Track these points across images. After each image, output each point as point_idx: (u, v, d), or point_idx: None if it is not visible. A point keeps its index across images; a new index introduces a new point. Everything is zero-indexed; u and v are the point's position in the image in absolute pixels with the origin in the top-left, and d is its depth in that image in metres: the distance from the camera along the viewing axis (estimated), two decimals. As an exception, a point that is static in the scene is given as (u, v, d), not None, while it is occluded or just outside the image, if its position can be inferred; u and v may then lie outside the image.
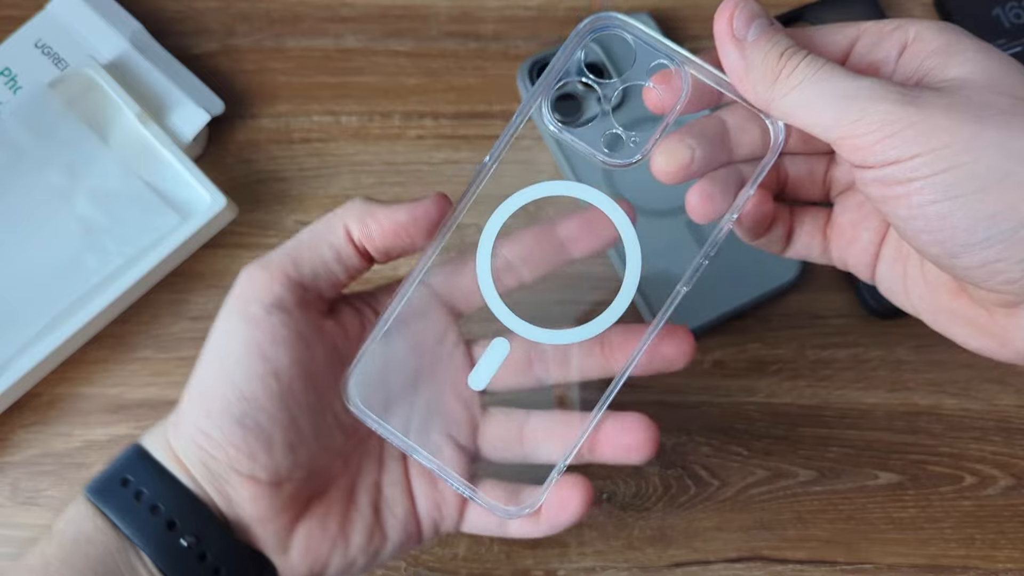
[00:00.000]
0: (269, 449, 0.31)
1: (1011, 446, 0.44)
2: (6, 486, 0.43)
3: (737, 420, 0.44)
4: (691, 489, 0.43)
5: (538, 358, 0.34)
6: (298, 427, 0.31)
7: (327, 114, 0.48)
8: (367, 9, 0.50)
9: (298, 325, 0.31)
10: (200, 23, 0.49)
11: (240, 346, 0.31)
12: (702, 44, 0.49)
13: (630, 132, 0.31)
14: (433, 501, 0.35)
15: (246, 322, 0.31)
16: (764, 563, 0.42)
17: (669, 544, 0.42)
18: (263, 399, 0.30)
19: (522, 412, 0.34)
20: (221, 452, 0.31)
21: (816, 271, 0.46)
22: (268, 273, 0.31)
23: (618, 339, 0.33)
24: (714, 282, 0.44)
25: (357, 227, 0.31)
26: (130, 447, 0.33)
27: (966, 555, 0.42)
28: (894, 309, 0.44)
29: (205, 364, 0.32)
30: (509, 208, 0.31)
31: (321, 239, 0.32)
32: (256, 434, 0.31)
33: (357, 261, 0.32)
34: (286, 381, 0.31)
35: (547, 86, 0.30)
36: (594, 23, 0.30)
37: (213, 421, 0.31)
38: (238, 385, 0.30)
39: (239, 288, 0.32)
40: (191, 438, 0.31)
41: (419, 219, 0.31)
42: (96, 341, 0.45)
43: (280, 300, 0.31)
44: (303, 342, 0.31)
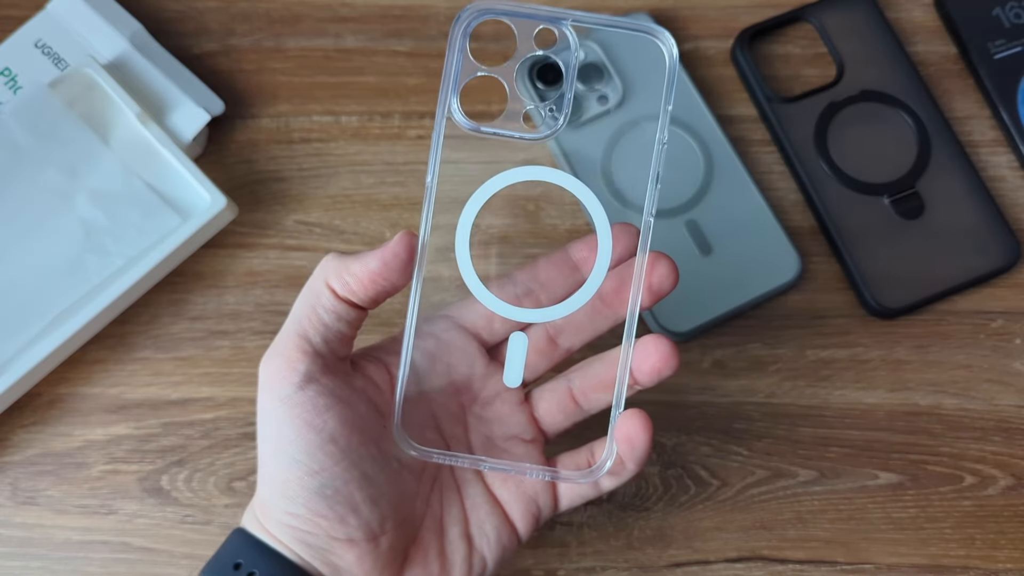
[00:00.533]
0: (355, 508, 0.32)
1: (1011, 446, 0.44)
2: (6, 486, 0.43)
3: (737, 420, 0.44)
4: (691, 489, 0.43)
5: (557, 334, 0.35)
6: (372, 480, 0.32)
7: (327, 114, 0.48)
8: (367, 9, 0.50)
9: (332, 389, 0.32)
10: (200, 23, 0.49)
11: (290, 428, 0.32)
12: (702, 44, 0.49)
13: (544, 104, 0.31)
14: (525, 498, 0.35)
15: (287, 406, 0.32)
16: (764, 563, 0.42)
17: (669, 544, 0.42)
18: (331, 465, 0.32)
19: (563, 378, 0.35)
20: (313, 526, 0.32)
21: (816, 271, 0.46)
22: (284, 357, 0.32)
23: (611, 287, 0.34)
24: (714, 282, 0.44)
25: (338, 284, 0.32)
26: (234, 533, 0.34)
27: (966, 555, 0.42)
28: (894, 309, 0.44)
29: (267, 457, 0.33)
30: (471, 212, 0.32)
31: (314, 307, 0.32)
32: (338, 498, 0.32)
33: (353, 313, 0.33)
34: (343, 443, 0.32)
35: (447, 92, 0.31)
36: (469, 16, 0.31)
37: (295, 501, 0.32)
38: (303, 462, 0.31)
39: (265, 382, 0.32)
40: (282, 522, 0.32)
41: (389, 263, 0.32)
42: (96, 341, 0.45)
43: (307, 374, 0.32)
44: (343, 403, 0.32)
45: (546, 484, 0.35)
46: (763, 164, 0.47)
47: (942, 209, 0.45)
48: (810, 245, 0.46)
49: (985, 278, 0.45)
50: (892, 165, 0.46)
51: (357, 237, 0.46)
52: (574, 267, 0.34)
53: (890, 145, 0.46)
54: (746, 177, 0.46)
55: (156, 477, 0.43)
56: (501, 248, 0.34)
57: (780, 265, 0.45)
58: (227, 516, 0.43)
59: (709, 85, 0.48)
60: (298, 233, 0.46)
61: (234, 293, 0.46)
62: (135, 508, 0.43)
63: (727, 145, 0.46)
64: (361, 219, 0.46)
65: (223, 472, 0.43)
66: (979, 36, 0.48)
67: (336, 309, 0.32)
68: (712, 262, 0.45)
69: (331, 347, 0.33)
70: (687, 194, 0.46)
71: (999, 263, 0.45)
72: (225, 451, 0.43)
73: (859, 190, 0.46)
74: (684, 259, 0.45)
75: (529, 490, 0.35)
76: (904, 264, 0.45)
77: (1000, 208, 0.46)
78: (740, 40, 0.48)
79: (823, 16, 0.48)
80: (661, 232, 0.45)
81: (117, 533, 0.43)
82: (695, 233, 0.45)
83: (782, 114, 0.47)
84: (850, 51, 0.48)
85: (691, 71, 0.48)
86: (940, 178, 0.46)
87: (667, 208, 0.45)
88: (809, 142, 0.46)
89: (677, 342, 0.44)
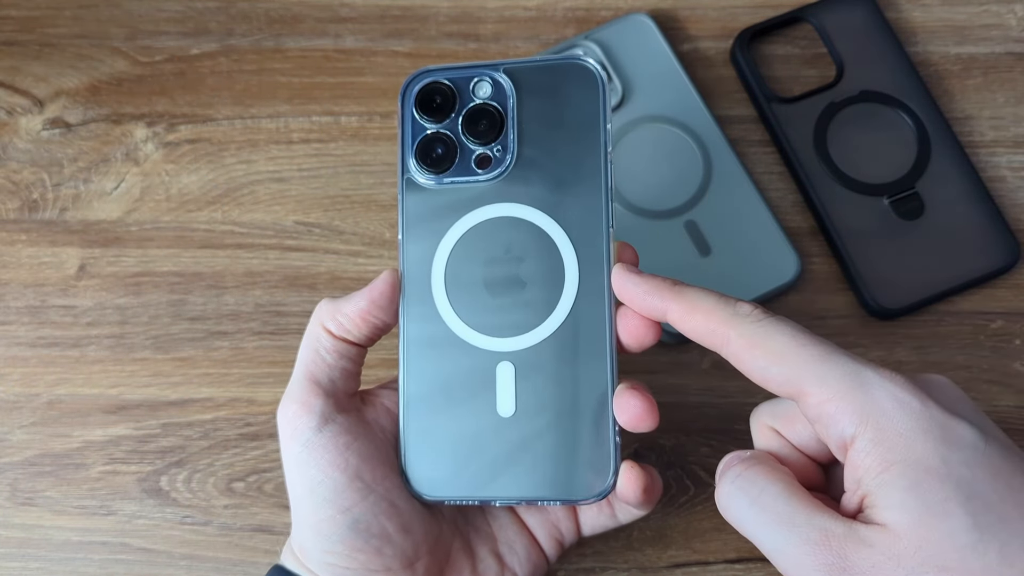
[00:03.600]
0: (388, 538, 0.33)
1: (1011, 447, 0.44)
2: (5, 487, 0.43)
3: (737, 421, 0.44)
4: (691, 490, 0.43)
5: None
6: (400, 510, 0.33)
7: (327, 114, 0.48)
8: (367, 9, 0.50)
9: (349, 427, 0.33)
10: (200, 23, 0.49)
11: (316, 470, 0.32)
12: (701, 44, 0.49)
13: (494, 147, 0.34)
14: (547, 523, 0.37)
15: (308, 449, 0.33)
16: (764, 564, 0.42)
17: (668, 545, 0.42)
18: (359, 501, 0.32)
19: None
20: (352, 561, 0.33)
21: (815, 272, 0.46)
22: (298, 402, 0.33)
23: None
24: (713, 283, 0.44)
25: (333, 326, 0.34)
26: (275, 570, 0.35)
27: (966, 556, 0.42)
28: (894, 310, 0.44)
29: (298, 500, 0.33)
30: (442, 257, 0.34)
31: (317, 351, 0.34)
32: (371, 532, 0.33)
33: (354, 350, 0.34)
34: (368, 477, 0.33)
35: (404, 154, 0.35)
36: (412, 82, 0.35)
37: (331, 539, 0.33)
38: (333, 501, 0.32)
39: (283, 430, 0.33)
40: (321, 561, 0.33)
41: (376, 300, 0.33)
42: (95, 341, 0.45)
43: (322, 416, 0.33)
44: (362, 438, 0.33)
45: (567, 510, 0.37)
46: (762, 164, 0.47)
47: (942, 210, 0.45)
48: (809, 246, 0.46)
49: (985, 279, 0.45)
50: (892, 165, 0.46)
51: (357, 238, 0.46)
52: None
53: (890, 145, 0.46)
54: (745, 178, 0.46)
55: (155, 478, 0.43)
56: (483, 281, 0.35)
57: (779, 266, 0.45)
58: (226, 517, 0.43)
59: (708, 85, 0.48)
60: (298, 233, 0.46)
61: (234, 293, 0.46)
62: (134, 509, 0.43)
63: (726, 145, 0.46)
64: (361, 219, 0.46)
65: (222, 473, 0.43)
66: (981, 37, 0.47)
67: (337, 348, 0.34)
68: (711, 263, 0.45)
69: (339, 385, 0.34)
70: (686, 195, 0.46)
71: (999, 263, 0.45)
72: (224, 452, 0.43)
73: (859, 190, 0.46)
74: (683, 260, 0.45)
75: (551, 515, 0.37)
76: (904, 265, 0.45)
77: (1000, 208, 0.46)
78: (740, 40, 0.48)
79: (823, 16, 0.48)
80: (660, 233, 0.45)
81: (116, 534, 0.43)
82: (694, 234, 0.45)
83: (781, 114, 0.47)
84: (850, 51, 0.48)
85: (690, 71, 0.48)
86: (940, 179, 0.46)
87: (666, 209, 0.45)
88: (808, 142, 0.46)
89: (676, 344, 0.44)
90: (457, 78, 0.35)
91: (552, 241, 0.34)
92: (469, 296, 0.34)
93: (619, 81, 0.47)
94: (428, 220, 0.35)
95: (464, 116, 0.35)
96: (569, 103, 0.34)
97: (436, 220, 0.34)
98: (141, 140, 0.48)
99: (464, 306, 0.34)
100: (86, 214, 0.47)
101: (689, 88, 0.47)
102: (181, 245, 0.46)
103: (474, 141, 0.34)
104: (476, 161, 0.34)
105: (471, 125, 0.35)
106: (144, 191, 0.47)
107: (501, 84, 0.34)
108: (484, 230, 0.34)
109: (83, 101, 0.48)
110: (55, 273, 0.46)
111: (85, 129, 0.48)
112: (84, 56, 0.49)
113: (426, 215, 0.35)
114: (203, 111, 0.48)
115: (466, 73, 0.35)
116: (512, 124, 0.34)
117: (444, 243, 0.34)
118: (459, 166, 0.35)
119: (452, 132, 0.35)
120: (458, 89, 0.35)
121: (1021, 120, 0.48)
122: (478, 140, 0.34)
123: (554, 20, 0.49)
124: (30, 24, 0.50)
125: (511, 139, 0.34)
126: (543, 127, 0.34)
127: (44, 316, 0.45)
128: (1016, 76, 0.48)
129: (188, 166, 0.47)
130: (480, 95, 0.35)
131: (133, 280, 0.46)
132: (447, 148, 0.35)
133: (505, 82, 0.34)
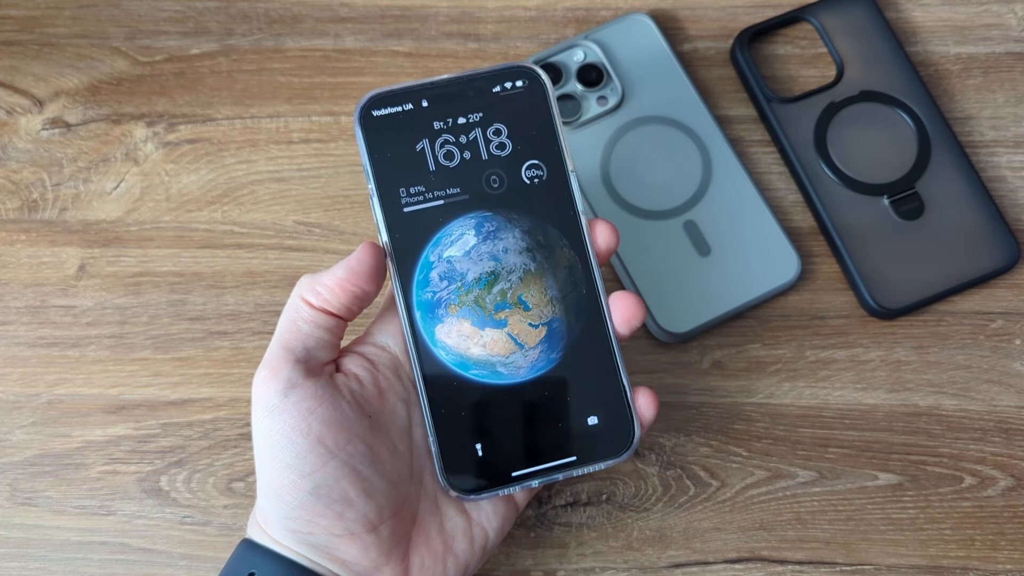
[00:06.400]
0: (350, 503, 0.33)
1: (1010, 447, 0.44)
2: (5, 487, 0.43)
3: (736, 421, 0.44)
4: (690, 490, 0.43)
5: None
6: (362, 474, 0.33)
7: (327, 114, 0.48)
8: (366, 9, 0.50)
9: (315, 391, 0.33)
10: (200, 23, 0.49)
11: (279, 435, 0.33)
12: (701, 44, 0.49)
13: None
14: None
15: (274, 414, 0.33)
16: (763, 564, 0.42)
17: (668, 545, 0.42)
18: (320, 466, 0.33)
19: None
20: (313, 526, 0.33)
21: (816, 272, 0.46)
22: (270, 369, 0.34)
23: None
24: (713, 283, 0.44)
25: (313, 297, 0.34)
26: (241, 544, 0.35)
27: (966, 556, 0.42)
28: (894, 310, 0.44)
29: (261, 465, 0.34)
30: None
31: (295, 321, 0.34)
32: (332, 497, 0.33)
33: (332, 321, 0.35)
34: (331, 442, 0.33)
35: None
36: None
37: (292, 505, 0.33)
38: (294, 466, 0.33)
39: (255, 395, 0.34)
40: (283, 527, 0.34)
41: (355, 268, 0.34)
42: (95, 341, 0.45)
43: (289, 381, 0.33)
44: (326, 403, 0.33)
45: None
46: (762, 164, 0.47)
47: (942, 209, 0.45)
48: (810, 245, 0.46)
49: (985, 278, 0.45)
50: (892, 165, 0.46)
51: (357, 238, 0.46)
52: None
53: (890, 145, 0.46)
54: (745, 177, 0.46)
55: (155, 478, 0.43)
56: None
57: (779, 265, 0.45)
58: (226, 517, 0.43)
59: (708, 85, 0.48)
60: (298, 233, 0.46)
61: (233, 293, 0.46)
62: (134, 509, 0.43)
63: (726, 145, 0.46)
64: (361, 219, 0.46)
65: (222, 473, 0.43)
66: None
67: (314, 319, 0.34)
68: (711, 263, 0.45)
69: (312, 353, 0.34)
70: (686, 195, 0.45)
71: (999, 263, 0.45)
72: (224, 452, 0.43)
73: (859, 190, 0.46)
74: (683, 260, 0.45)
75: None
76: (904, 264, 0.45)
77: (1000, 208, 0.46)
78: (740, 40, 0.48)
79: (823, 16, 0.48)
80: (660, 233, 0.45)
81: (116, 534, 0.43)
82: (693, 234, 0.45)
83: (781, 114, 0.47)
84: (850, 51, 0.48)
85: (690, 71, 0.48)
86: (940, 178, 0.46)
87: (665, 209, 0.45)
88: (809, 142, 0.46)
89: (676, 343, 0.44)
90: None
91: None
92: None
93: (619, 81, 0.47)
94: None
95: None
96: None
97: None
98: (141, 140, 0.48)
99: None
100: (86, 214, 0.47)
101: (689, 88, 0.47)
102: (181, 245, 0.46)
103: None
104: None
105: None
106: (144, 191, 0.47)
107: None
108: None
109: (83, 101, 0.48)
110: (55, 273, 0.46)
111: (85, 129, 0.48)
112: (84, 56, 0.49)
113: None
114: (203, 111, 0.48)
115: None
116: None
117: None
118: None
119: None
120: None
121: (1021, 120, 0.48)
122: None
123: (554, 20, 0.49)
124: (30, 24, 0.50)
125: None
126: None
127: (44, 316, 0.45)
128: (1016, 76, 0.48)
129: (188, 166, 0.47)
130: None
131: (133, 280, 0.46)
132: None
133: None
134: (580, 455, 0.35)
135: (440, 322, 0.35)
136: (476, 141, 0.35)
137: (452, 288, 0.35)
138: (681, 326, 0.44)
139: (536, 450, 0.35)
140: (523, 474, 0.35)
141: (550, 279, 0.35)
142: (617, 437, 0.35)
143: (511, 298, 0.35)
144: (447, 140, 0.35)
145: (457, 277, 0.35)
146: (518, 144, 0.35)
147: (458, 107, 0.35)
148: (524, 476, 0.35)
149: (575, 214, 0.35)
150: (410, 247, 0.35)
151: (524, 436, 0.35)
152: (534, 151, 0.36)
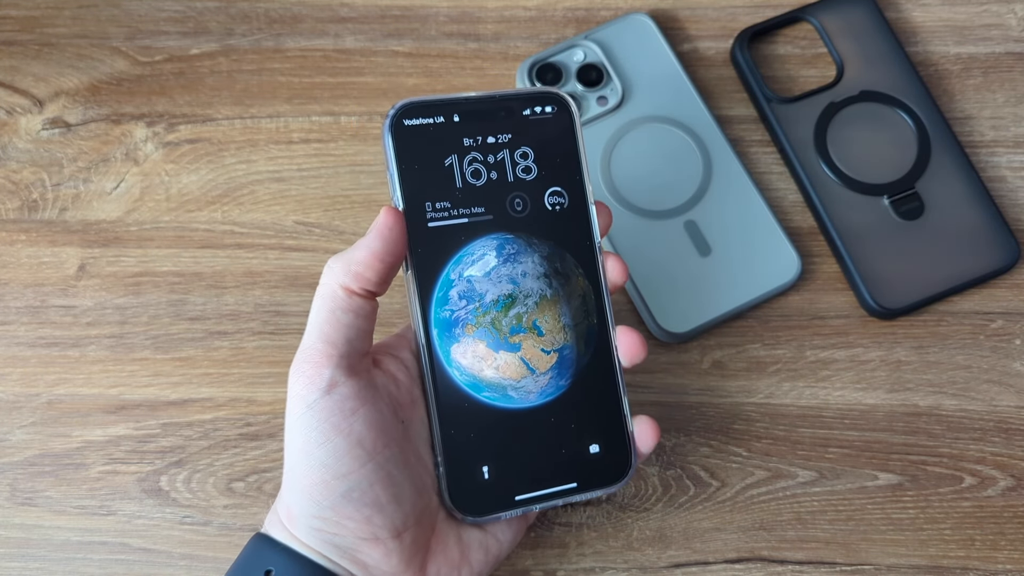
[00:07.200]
0: (380, 508, 0.33)
1: (1010, 447, 0.44)
2: (5, 487, 0.43)
3: (736, 421, 0.44)
4: (690, 490, 0.43)
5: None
6: (394, 479, 0.33)
7: (327, 114, 0.48)
8: (366, 9, 0.50)
9: (358, 392, 0.33)
10: (200, 23, 0.49)
11: (318, 433, 0.32)
12: (701, 44, 0.49)
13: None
14: None
15: (313, 410, 0.32)
16: (763, 564, 0.42)
17: (668, 545, 0.42)
18: (357, 469, 0.32)
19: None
20: (341, 528, 0.33)
21: (816, 272, 0.46)
22: (312, 363, 0.33)
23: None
24: (713, 283, 0.44)
25: (351, 280, 0.33)
26: (258, 539, 0.34)
27: (966, 556, 0.42)
28: (894, 310, 0.44)
29: (293, 461, 0.33)
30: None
31: (332, 311, 0.33)
32: (364, 501, 0.33)
33: (369, 306, 0.34)
34: (369, 445, 0.33)
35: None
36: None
37: (322, 505, 0.33)
38: (331, 466, 0.32)
39: (293, 388, 0.33)
40: (309, 526, 0.33)
41: (384, 235, 0.33)
42: (95, 341, 0.45)
43: (332, 379, 0.33)
44: (368, 404, 0.33)
45: None
46: (762, 164, 0.47)
47: (942, 209, 0.45)
48: (810, 245, 0.46)
49: (985, 278, 0.45)
50: (892, 165, 0.46)
51: (357, 238, 0.46)
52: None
53: (890, 145, 0.46)
54: (745, 177, 0.46)
55: (155, 478, 0.43)
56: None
57: (779, 265, 0.45)
58: (226, 517, 0.43)
59: (708, 85, 0.48)
60: (298, 233, 0.46)
61: (233, 293, 0.46)
62: (134, 509, 0.43)
63: (726, 145, 0.46)
64: (361, 219, 0.46)
65: (222, 473, 0.43)
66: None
67: (353, 307, 0.33)
68: (711, 263, 0.45)
69: (354, 345, 0.33)
70: (686, 195, 0.46)
71: (999, 263, 0.45)
72: (224, 452, 0.43)
73: (859, 190, 0.46)
74: (683, 260, 0.45)
75: None
76: (904, 264, 0.45)
77: (1000, 208, 0.46)
78: (740, 40, 0.48)
79: (823, 16, 0.48)
80: (660, 233, 0.45)
81: (116, 534, 0.42)
82: (694, 234, 0.45)
83: (782, 114, 0.47)
84: (850, 51, 0.48)
85: (691, 71, 0.48)
86: (940, 178, 0.46)
87: (666, 209, 0.45)
88: (809, 142, 0.46)
89: (676, 343, 0.44)
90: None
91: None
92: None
93: (619, 81, 0.47)
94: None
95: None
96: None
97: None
98: (141, 140, 0.48)
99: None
100: (86, 214, 0.47)
101: (689, 88, 0.47)
102: (181, 245, 0.46)
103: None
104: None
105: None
106: (144, 191, 0.47)
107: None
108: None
109: (83, 101, 0.48)
110: (55, 273, 0.46)
111: (85, 129, 0.48)
112: (84, 56, 0.49)
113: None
114: (203, 111, 0.48)
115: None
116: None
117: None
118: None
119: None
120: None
121: (1021, 120, 0.48)
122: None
123: (554, 20, 0.49)
124: (30, 24, 0.50)
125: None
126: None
127: (44, 316, 0.45)
128: (1016, 76, 0.48)
129: (188, 166, 0.47)
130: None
131: (133, 280, 0.46)
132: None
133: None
134: (580, 482, 0.35)
135: (456, 341, 0.34)
136: (504, 162, 0.35)
137: (471, 308, 0.34)
138: (681, 326, 0.44)
139: (540, 475, 0.35)
140: (526, 498, 0.35)
141: (564, 306, 0.35)
142: (616, 465, 0.35)
143: (526, 323, 0.35)
144: (476, 158, 0.35)
145: (476, 297, 0.34)
146: (543, 169, 0.35)
147: (488, 126, 0.35)
148: (527, 500, 0.35)
149: (592, 244, 0.35)
150: (432, 263, 0.34)
151: (529, 460, 0.35)
152: (558, 178, 0.35)
